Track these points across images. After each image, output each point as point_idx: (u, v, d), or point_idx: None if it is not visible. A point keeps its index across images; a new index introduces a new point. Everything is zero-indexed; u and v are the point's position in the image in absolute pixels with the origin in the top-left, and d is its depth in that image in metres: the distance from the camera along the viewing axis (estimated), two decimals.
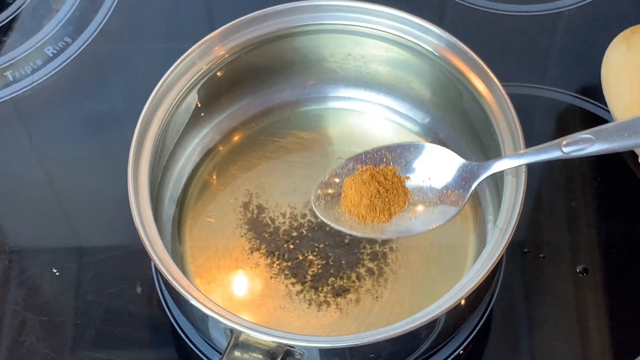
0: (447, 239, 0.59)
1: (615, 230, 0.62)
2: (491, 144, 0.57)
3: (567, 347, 0.58)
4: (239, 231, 0.60)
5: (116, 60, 0.71)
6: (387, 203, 0.53)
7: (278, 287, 0.58)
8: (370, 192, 0.53)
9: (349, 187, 0.54)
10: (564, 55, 0.71)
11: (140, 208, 0.53)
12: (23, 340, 0.58)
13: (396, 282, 0.58)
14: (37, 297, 0.60)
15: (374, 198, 0.53)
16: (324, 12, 0.60)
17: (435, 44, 0.59)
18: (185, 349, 0.58)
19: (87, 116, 0.69)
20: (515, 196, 0.53)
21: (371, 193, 0.53)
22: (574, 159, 0.51)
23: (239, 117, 0.64)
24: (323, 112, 0.65)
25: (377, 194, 0.53)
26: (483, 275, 0.50)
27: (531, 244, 0.61)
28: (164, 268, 0.51)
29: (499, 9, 0.72)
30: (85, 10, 0.73)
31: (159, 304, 0.59)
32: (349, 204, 0.54)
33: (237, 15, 0.60)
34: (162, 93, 0.57)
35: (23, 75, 0.70)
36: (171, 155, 0.60)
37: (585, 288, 0.60)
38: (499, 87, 0.56)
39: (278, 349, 0.49)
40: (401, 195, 0.54)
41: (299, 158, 0.63)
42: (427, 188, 0.54)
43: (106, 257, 0.61)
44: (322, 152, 0.63)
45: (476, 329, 0.58)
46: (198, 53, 0.59)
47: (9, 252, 0.62)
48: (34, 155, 0.67)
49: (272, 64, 0.63)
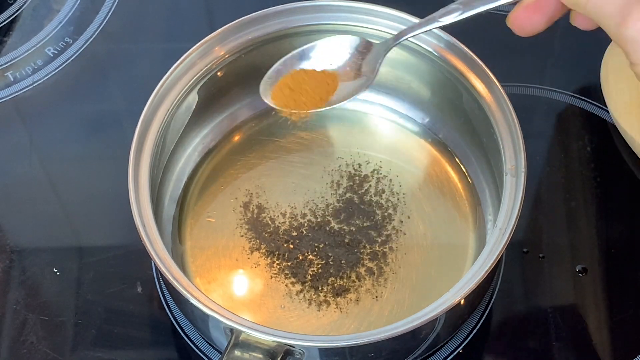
0: (447, 239, 0.60)
1: (615, 230, 0.62)
2: (491, 144, 0.57)
3: (567, 347, 0.58)
4: (239, 231, 0.60)
5: (116, 60, 0.72)
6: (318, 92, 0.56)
7: (278, 287, 0.58)
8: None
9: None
10: (564, 55, 0.71)
11: (141, 208, 0.53)
12: (24, 339, 0.58)
13: (396, 282, 0.58)
14: (38, 296, 0.60)
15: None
16: (324, 12, 0.60)
17: (435, 44, 0.59)
18: (186, 349, 0.58)
19: (87, 116, 0.69)
20: (515, 196, 0.53)
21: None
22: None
23: (239, 117, 0.64)
24: (323, 112, 0.65)
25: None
26: (483, 275, 0.50)
27: (531, 243, 0.61)
28: (164, 268, 0.51)
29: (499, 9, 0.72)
30: (85, 11, 0.73)
31: (159, 303, 0.59)
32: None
33: (237, 15, 0.60)
34: (163, 93, 0.57)
35: (24, 75, 0.70)
36: (171, 155, 0.60)
37: (585, 288, 0.60)
38: (499, 87, 0.56)
39: (278, 348, 0.49)
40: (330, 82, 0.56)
41: (299, 158, 0.63)
42: (347, 70, 0.56)
43: (106, 257, 0.61)
44: (322, 152, 0.63)
45: (476, 329, 0.58)
46: (198, 53, 0.59)
47: (9, 252, 0.62)
48: (34, 155, 0.67)
49: (272, 64, 0.62)
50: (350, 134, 0.64)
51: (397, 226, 0.60)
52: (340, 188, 0.61)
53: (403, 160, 0.63)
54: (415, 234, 0.60)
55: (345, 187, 0.61)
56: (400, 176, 0.62)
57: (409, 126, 0.64)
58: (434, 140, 0.63)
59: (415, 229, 0.60)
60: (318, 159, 0.63)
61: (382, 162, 0.62)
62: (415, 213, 0.60)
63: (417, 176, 0.62)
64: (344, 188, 0.61)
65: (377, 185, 0.61)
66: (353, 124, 0.64)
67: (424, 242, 0.59)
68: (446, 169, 0.62)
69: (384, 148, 0.63)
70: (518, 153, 0.54)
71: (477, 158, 0.61)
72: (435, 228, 0.60)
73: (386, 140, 0.64)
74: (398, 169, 0.62)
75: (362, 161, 0.62)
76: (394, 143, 0.64)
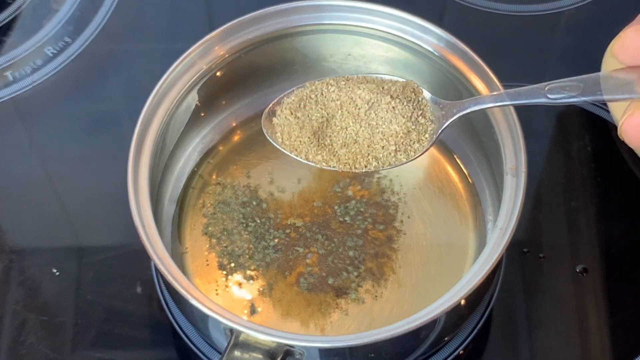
0: (447, 239, 0.60)
1: (615, 230, 0.62)
2: (491, 144, 0.57)
3: (567, 347, 0.58)
4: (238, 231, 0.60)
5: (116, 60, 0.71)
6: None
7: (278, 287, 0.58)
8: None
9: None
10: (564, 55, 0.71)
11: (140, 208, 0.53)
12: (23, 340, 0.58)
13: (396, 282, 0.58)
14: (37, 297, 0.60)
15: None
16: (324, 12, 0.60)
17: (435, 44, 0.59)
18: (185, 349, 0.58)
19: (87, 116, 0.69)
20: (515, 196, 0.53)
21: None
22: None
23: (239, 117, 0.64)
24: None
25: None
26: (483, 275, 0.50)
27: (531, 243, 0.61)
28: (164, 268, 0.51)
29: (499, 9, 0.72)
30: (85, 10, 0.73)
31: (159, 304, 0.59)
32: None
33: (237, 15, 0.60)
34: (162, 93, 0.57)
35: (23, 75, 0.70)
36: (171, 155, 0.60)
37: (585, 288, 0.60)
38: (499, 87, 0.56)
39: (278, 348, 0.49)
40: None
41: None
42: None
43: (106, 257, 0.61)
44: None
45: (476, 329, 0.58)
46: (198, 53, 0.59)
47: (9, 252, 0.62)
48: (34, 155, 0.67)
49: (272, 64, 0.63)
50: None
51: (398, 226, 0.60)
52: (340, 188, 0.61)
53: None
54: (416, 234, 0.59)
55: (345, 187, 0.61)
56: (401, 176, 0.62)
57: None
58: None
59: (416, 229, 0.60)
60: None
61: None
62: (415, 213, 0.60)
63: (417, 176, 0.62)
64: (344, 188, 0.61)
65: (377, 185, 0.61)
66: None
67: (424, 242, 0.59)
68: (446, 169, 0.62)
69: None
70: (518, 153, 0.54)
71: (477, 158, 0.61)
72: (436, 228, 0.60)
73: None
74: (398, 169, 0.62)
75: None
76: None
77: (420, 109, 0.52)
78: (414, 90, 0.53)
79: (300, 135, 0.53)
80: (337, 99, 0.53)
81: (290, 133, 0.53)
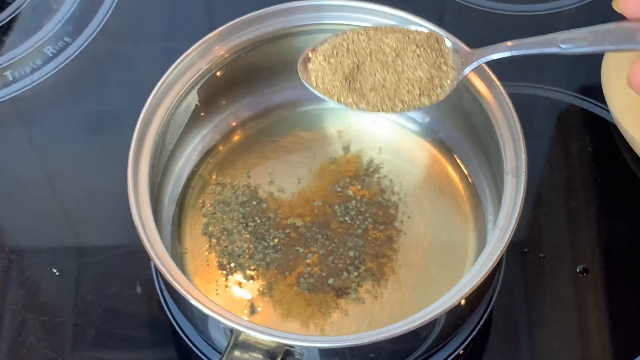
0: (447, 239, 0.59)
1: (615, 230, 0.62)
2: (491, 144, 0.57)
3: (567, 347, 0.58)
4: (238, 230, 0.60)
5: (116, 60, 0.71)
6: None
7: (277, 287, 0.58)
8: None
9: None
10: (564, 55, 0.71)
11: (140, 208, 0.53)
12: (23, 340, 0.58)
13: (396, 282, 0.58)
14: (37, 297, 0.60)
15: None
16: (324, 12, 0.60)
17: None
18: (185, 349, 0.58)
19: (87, 116, 0.69)
20: (515, 196, 0.53)
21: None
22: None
23: (239, 117, 0.64)
24: (323, 112, 0.65)
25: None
26: (483, 275, 0.50)
27: (531, 243, 0.61)
28: (163, 268, 0.51)
29: (499, 9, 0.72)
30: (85, 10, 0.73)
31: (159, 304, 0.59)
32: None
33: (237, 15, 0.60)
34: (162, 93, 0.57)
35: (23, 75, 0.70)
36: (171, 155, 0.60)
37: (585, 288, 0.60)
38: (499, 87, 0.56)
39: (278, 348, 0.49)
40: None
41: (298, 158, 0.63)
42: None
43: (106, 257, 0.61)
44: (322, 152, 0.63)
45: (476, 329, 0.58)
46: (198, 53, 0.59)
47: (8, 252, 0.62)
48: (34, 155, 0.67)
49: (272, 64, 0.63)
50: (350, 134, 0.64)
51: (398, 226, 0.60)
52: (340, 188, 0.61)
53: (403, 160, 0.63)
54: (416, 234, 0.59)
55: (345, 187, 0.61)
56: (401, 176, 0.62)
57: (409, 126, 0.64)
58: (435, 140, 0.63)
59: (416, 229, 0.60)
60: (318, 159, 0.63)
61: (382, 162, 0.62)
62: (415, 213, 0.60)
63: (418, 176, 0.62)
64: (344, 188, 0.61)
65: (377, 185, 0.61)
66: (353, 124, 0.64)
67: (424, 242, 0.59)
68: (446, 169, 0.62)
69: (384, 148, 0.63)
70: (519, 153, 0.54)
71: (477, 158, 0.61)
72: (436, 228, 0.60)
73: (386, 140, 0.64)
74: (398, 169, 0.62)
75: (363, 161, 0.62)
76: (394, 143, 0.64)
77: (443, 57, 0.54)
78: (437, 40, 0.55)
79: (333, 79, 0.54)
80: (367, 47, 0.54)
81: (324, 77, 0.54)
